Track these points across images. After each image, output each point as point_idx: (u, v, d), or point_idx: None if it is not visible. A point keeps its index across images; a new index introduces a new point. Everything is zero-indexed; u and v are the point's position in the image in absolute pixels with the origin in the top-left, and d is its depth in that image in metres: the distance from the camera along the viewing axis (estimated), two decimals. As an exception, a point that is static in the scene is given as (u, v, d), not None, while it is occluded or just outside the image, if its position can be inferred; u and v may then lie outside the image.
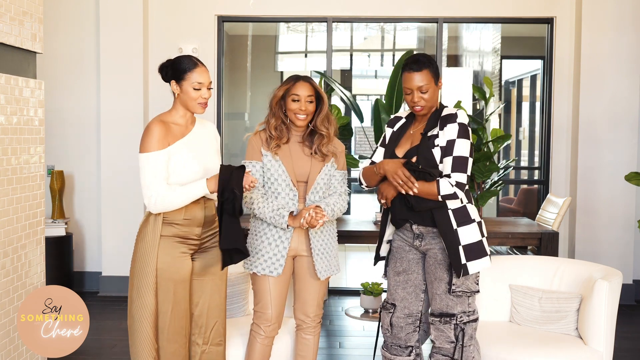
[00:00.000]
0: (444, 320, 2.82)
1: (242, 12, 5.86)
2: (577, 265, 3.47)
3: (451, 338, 2.82)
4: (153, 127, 2.74)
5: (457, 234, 2.77)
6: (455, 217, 2.78)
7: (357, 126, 7.96)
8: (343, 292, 5.95)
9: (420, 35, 8.23)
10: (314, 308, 3.05)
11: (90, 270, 5.84)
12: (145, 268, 2.75)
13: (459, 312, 2.82)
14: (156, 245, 2.74)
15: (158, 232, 2.75)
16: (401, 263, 2.96)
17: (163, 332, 2.78)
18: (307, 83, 2.94)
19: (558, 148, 5.88)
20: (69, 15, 5.72)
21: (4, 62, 3.35)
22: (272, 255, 2.94)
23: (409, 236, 2.93)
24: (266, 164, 2.96)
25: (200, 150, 2.85)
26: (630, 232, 5.60)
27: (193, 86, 2.79)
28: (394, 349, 2.97)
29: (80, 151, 5.78)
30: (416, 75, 2.79)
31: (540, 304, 3.35)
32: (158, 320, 2.77)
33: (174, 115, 2.85)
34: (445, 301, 2.83)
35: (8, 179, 3.31)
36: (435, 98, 2.85)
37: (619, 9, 5.57)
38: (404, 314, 2.95)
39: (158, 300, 2.75)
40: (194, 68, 2.79)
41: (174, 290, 2.77)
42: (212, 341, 2.91)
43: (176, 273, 2.77)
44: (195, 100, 2.81)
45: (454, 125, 2.75)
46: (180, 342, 2.82)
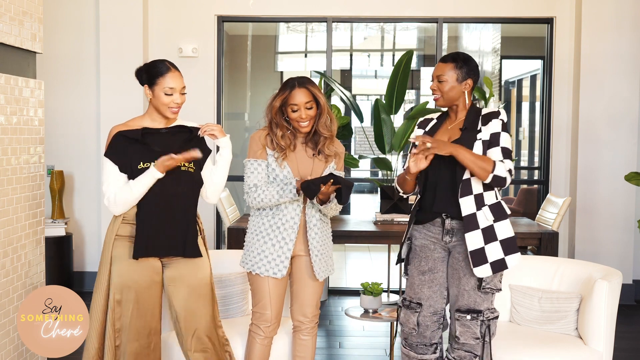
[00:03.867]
0: (471, 317, 2.84)
1: (242, 12, 5.86)
2: (577, 265, 3.47)
3: (477, 334, 2.84)
4: (113, 132, 2.79)
5: (494, 229, 2.80)
6: (492, 212, 2.81)
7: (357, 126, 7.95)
8: (343, 292, 5.95)
9: (420, 35, 8.23)
10: (312, 309, 3.04)
11: (90, 270, 5.83)
12: (101, 268, 2.79)
13: (485, 308, 2.85)
14: (110, 244, 2.77)
15: (114, 232, 2.78)
16: (426, 262, 2.94)
17: (124, 332, 2.78)
18: (303, 89, 2.88)
19: (558, 148, 5.88)
20: (69, 15, 5.72)
21: (4, 62, 3.35)
22: (277, 256, 2.91)
23: (437, 232, 2.92)
24: (271, 163, 2.93)
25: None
26: (630, 232, 5.60)
27: (164, 91, 2.77)
28: (420, 348, 2.97)
29: (80, 151, 5.78)
30: (440, 64, 2.91)
31: (540, 304, 3.35)
32: (120, 320, 2.77)
33: (144, 119, 2.86)
34: (473, 297, 2.84)
35: (8, 179, 3.31)
36: (454, 95, 2.89)
37: (619, 9, 5.57)
38: (430, 312, 2.95)
39: (117, 300, 2.76)
40: (166, 73, 2.78)
41: (136, 289, 2.77)
42: (195, 348, 2.88)
43: (134, 272, 2.77)
44: (166, 105, 2.79)
45: (497, 121, 2.84)
46: (141, 341, 2.80)
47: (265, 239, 2.94)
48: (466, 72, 2.87)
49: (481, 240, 2.79)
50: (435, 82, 2.90)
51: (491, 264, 2.79)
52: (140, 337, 2.81)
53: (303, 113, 2.87)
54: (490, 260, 2.79)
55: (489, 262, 2.79)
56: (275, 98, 2.93)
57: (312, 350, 3.09)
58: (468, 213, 2.80)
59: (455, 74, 2.86)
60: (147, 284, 2.80)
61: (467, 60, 2.89)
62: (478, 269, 2.79)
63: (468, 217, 2.80)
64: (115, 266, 2.77)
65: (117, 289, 2.77)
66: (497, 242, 2.79)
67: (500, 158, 2.79)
